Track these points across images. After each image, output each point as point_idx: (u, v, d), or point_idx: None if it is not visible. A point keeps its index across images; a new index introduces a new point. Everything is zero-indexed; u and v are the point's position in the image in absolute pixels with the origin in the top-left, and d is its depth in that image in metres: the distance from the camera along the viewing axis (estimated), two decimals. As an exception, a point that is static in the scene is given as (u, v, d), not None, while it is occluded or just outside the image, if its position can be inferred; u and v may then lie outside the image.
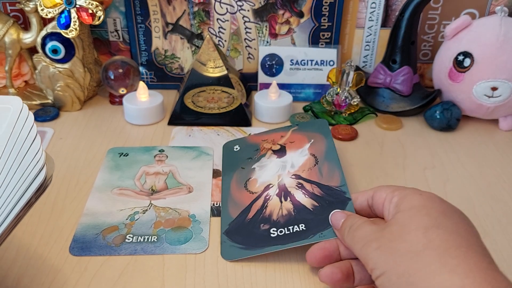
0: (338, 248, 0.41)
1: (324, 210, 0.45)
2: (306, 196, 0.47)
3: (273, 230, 0.44)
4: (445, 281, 0.30)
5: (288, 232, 0.44)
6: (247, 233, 0.45)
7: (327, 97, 0.66)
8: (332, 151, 0.51)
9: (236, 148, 0.57)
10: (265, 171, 0.52)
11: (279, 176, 0.50)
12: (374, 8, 0.70)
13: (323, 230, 0.43)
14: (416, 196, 0.36)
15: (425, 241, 0.32)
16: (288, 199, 0.47)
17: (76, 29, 0.62)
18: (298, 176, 0.50)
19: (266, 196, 0.48)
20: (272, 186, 0.49)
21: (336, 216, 0.41)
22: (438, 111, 0.63)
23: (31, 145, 0.34)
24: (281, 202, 0.47)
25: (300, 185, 0.48)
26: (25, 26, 0.71)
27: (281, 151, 0.54)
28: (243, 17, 0.70)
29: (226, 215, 0.48)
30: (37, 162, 0.34)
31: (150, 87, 0.67)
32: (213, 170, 0.55)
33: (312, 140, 0.54)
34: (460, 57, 0.62)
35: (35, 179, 0.34)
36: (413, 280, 0.31)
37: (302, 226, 0.44)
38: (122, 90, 0.67)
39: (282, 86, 0.69)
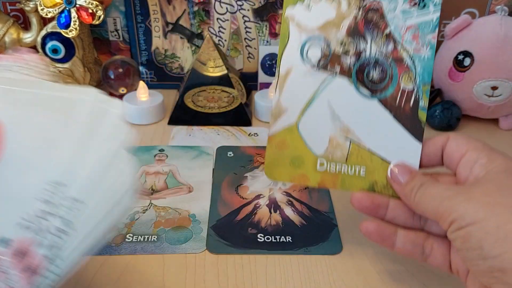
0: (387, 205, 0.39)
1: (311, 229, 0.46)
2: (295, 213, 0.48)
3: (261, 236, 0.45)
4: None
5: (275, 240, 0.45)
6: (235, 233, 0.46)
7: (327, 97, 0.66)
8: None
9: (230, 154, 0.57)
10: (257, 182, 0.53)
11: (271, 189, 0.51)
12: (374, 7, 0.70)
13: (308, 246, 0.44)
14: (508, 160, 0.35)
15: None
16: (278, 211, 0.48)
17: (76, 28, 0.62)
18: (288, 194, 0.51)
19: (256, 204, 0.49)
20: (263, 197, 0.50)
21: (399, 170, 0.38)
22: (438, 111, 0.63)
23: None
24: (270, 213, 0.48)
25: (290, 202, 0.49)
26: (25, 25, 0.71)
27: None
28: (243, 17, 0.70)
29: (214, 212, 0.48)
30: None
31: (150, 86, 0.67)
32: (213, 169, 0.55)
33: None
34: (460, 57, 0.62)
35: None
36: None
37: (289, 238, 0.45)
38: (122, 90, 0.67)
39: (282, 86, 0.69)
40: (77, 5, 0.61)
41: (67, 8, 0.61)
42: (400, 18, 0.39)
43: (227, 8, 0.69)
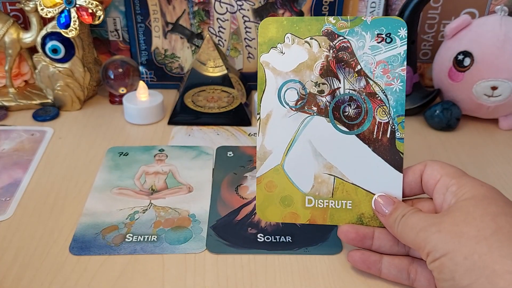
0: (372, 236, 0.40)
1: (310, 229, 0.46)
2: None
3: (260, 236, 0.45)
4: None
5: (275, 240, 0.45)
6: (234, 233, 0.46)
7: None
8: None
9: (230, 154, 0.57)
10: None
11: None
12: (374, 7, 0.70)
13: (308, 246, 0.44)
14: (477, 187, 0.36)
15: (494, 227, 0.32)
16: None
17: (76, 28, 0.62)
18: None
19: None
20: None
21: (383, 201, 0.40)
22: (438, 111, 0.63)
23: None
24: None
25: None
26: (25, 25, 0.71)
27: None
28: (243, 17, 0.70)
29: (214, 212, 0.48)
30: None
31: (150, 86, 0.67)
32: (213, 169, 0.55)
33: None
34: (460, 57, 0.62)
35: None
36: (483, 261, 0.31)
37: (288, 238, 0.45)
38: (122, 90, 0.67)
39: (282, 86, 0.69)
40: (77, 5, 0.61)
41: (67, 8, 0.61)
42: (369, 54, 0.40)
43: (227, 8, 0.69)
